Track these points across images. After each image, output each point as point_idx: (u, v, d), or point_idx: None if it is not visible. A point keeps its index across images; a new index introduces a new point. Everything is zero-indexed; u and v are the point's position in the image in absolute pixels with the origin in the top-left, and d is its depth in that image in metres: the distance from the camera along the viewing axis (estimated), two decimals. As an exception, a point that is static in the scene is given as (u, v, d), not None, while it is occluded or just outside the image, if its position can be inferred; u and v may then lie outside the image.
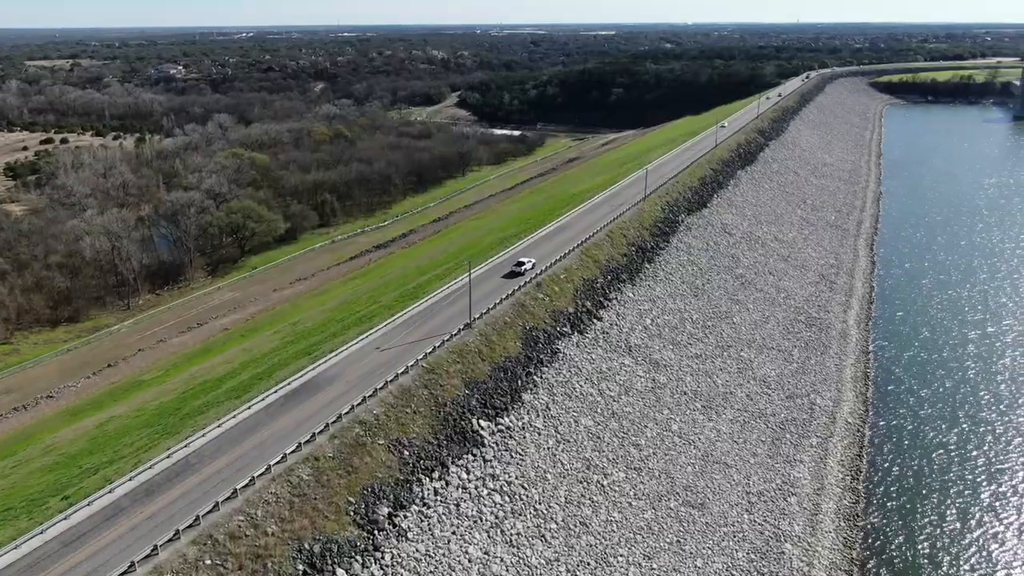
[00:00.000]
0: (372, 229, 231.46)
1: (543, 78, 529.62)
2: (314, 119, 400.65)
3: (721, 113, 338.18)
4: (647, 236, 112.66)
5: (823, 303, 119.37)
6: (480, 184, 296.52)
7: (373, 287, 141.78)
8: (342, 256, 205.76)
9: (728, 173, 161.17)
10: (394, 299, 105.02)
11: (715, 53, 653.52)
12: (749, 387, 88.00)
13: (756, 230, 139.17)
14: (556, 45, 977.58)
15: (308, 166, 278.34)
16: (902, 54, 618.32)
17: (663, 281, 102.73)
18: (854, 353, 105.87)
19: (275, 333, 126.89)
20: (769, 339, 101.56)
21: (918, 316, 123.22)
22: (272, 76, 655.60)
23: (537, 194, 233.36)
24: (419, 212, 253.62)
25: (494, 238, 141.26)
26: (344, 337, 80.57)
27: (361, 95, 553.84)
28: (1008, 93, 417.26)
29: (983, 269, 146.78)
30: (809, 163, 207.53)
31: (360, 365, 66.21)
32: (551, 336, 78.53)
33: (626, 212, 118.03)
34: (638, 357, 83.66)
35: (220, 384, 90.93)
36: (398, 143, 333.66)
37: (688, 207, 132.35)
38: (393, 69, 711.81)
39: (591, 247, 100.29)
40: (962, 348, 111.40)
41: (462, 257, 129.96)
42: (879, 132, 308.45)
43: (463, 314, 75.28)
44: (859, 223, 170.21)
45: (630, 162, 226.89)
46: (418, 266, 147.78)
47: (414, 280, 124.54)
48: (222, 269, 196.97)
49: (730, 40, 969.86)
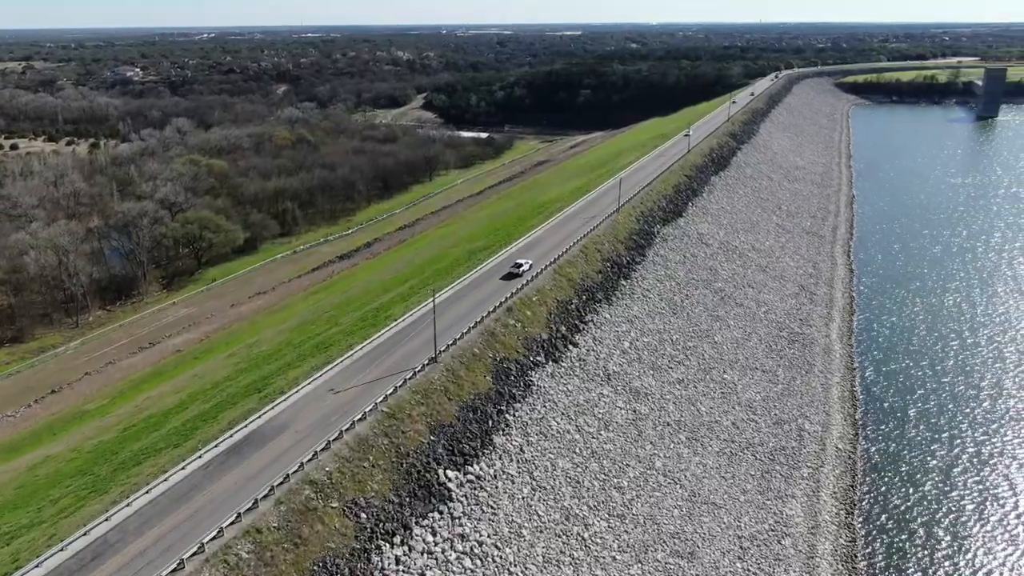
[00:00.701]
0: (336, 238, 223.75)
1: (510, 79, 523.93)
2: (276, 123, 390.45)
3: (690, 114, 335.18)
4: (622, 250, 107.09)
5: (804, 316, 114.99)
6: (447, 189, 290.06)
7: (335, 303, 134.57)
8: (304, 267, 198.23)
9: (702, 180, 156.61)
10: (354, 322, 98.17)
11: (681, 54, 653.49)
12: (734, 414, 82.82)
13: (733, 239, 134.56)
14: (522, 45, 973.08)
15: (269, 172, 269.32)
16: (865, 54, 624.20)
17: (640, 299, 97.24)
18: (839, 370, 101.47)
19: (229, 357, 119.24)
20: (752, 358, 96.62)
21: (899, 327, 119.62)
22: (233, 78, 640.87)
23: (506, 200, 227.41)
24: (384, 219, 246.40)
25: (461, 250, 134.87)
26: (298, 372, 73.67)
27: (325, 97, 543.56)
28: (970, 93, 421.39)
29: (959, 275, 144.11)
30: (781, 167, 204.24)
31: (313, 410, 59.44)
32: (524, 367, 72.42)
33: (600, 224, 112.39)
34: (617, 386, 77.93)
35: (164, 421, 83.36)
36: (362, 147, 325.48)
37: (663, 217, 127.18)
38: (357, 70, 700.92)
39: (564, 264, 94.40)
40: (945, 361, 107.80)
41: (427, 272, 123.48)
42: (847, 133, 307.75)
43: (428, 345, 68.84)
44: (834, 228, 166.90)
45: (600, 167, 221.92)
46: (382, 280, 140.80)
47: (377, 298, 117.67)
48: (178, 282, 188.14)
49: (695, 40, 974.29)
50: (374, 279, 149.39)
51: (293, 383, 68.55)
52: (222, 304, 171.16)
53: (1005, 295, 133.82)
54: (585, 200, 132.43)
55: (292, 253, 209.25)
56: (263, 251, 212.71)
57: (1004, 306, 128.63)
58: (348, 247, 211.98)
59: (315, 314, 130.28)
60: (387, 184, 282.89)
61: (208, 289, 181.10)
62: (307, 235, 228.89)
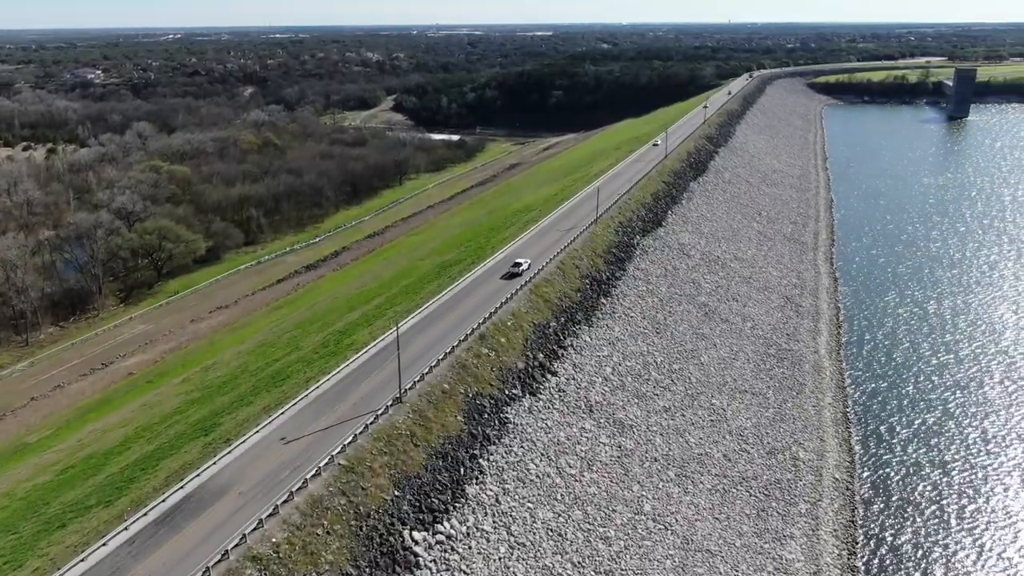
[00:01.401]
0: (302, 247, 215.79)
1: (481, 80, 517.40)
2: (242, 126, 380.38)
3: (664, 115, 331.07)
4: (601, 265, 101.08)
5: (791, 330, 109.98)
6: (418, 194, 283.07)
7: (297, 321, 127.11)
8: (268, 279, 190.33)
9: (681, 186, 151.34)
10: (315, 347, 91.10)
11: (653, 54, 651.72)
12: (725, 444, 77.16)
13: (715, 249, 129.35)
14: (493, 46, 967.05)
15: (233, 178, 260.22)
16: (835, 54, 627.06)
17: (622, 318, 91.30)
18: (830, 390, 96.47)
19: (183, 383, 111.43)
20: (741, 380, 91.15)
21: (887, 339, 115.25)
22: (198, 80, 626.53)
23: (478, 206, 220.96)
24: (353, 226, 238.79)
25: (431, 264, 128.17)
26: (249, 412, 66.61)
27: (293, 99, 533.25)
28: (940, 92, 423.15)
29: (942, 282, 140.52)
30: (759, 170, 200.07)
31: (260, 465, 52.47)
32: (499, 403, 65.99)
33: (577, 237, 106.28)
34: (600, 418, 71.81)
35: (104, 464, 75.70)
36: (330, 151, 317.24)
37: (643, 227, 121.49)
38: (326, 72, 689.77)
39: (541, 284, 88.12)
40: (934, 375, 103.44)
41: (395, 289, 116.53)
42: (822, 134, 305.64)
43: (392, 381, 62.11)
44: (815, 234, 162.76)
45: (574, 171, 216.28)
46: (348, 296, 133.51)
47: (341, 318, 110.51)
48: (137, 295, 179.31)
49: (666, 40, 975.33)
50: (340, 294, 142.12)
51: (242, 427, 61.53)
52: (181, 319, 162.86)
53: (990, 302, 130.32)
54: (561, 210, 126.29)
55: (256, 264, 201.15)
56: (226, 261, 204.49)
57: (989, 314, 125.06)
58: (315, 257, 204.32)
59: (276, 334, 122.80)
60: (356, 189, 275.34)
61: (167, 303, 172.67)
62: (272, 244, 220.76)
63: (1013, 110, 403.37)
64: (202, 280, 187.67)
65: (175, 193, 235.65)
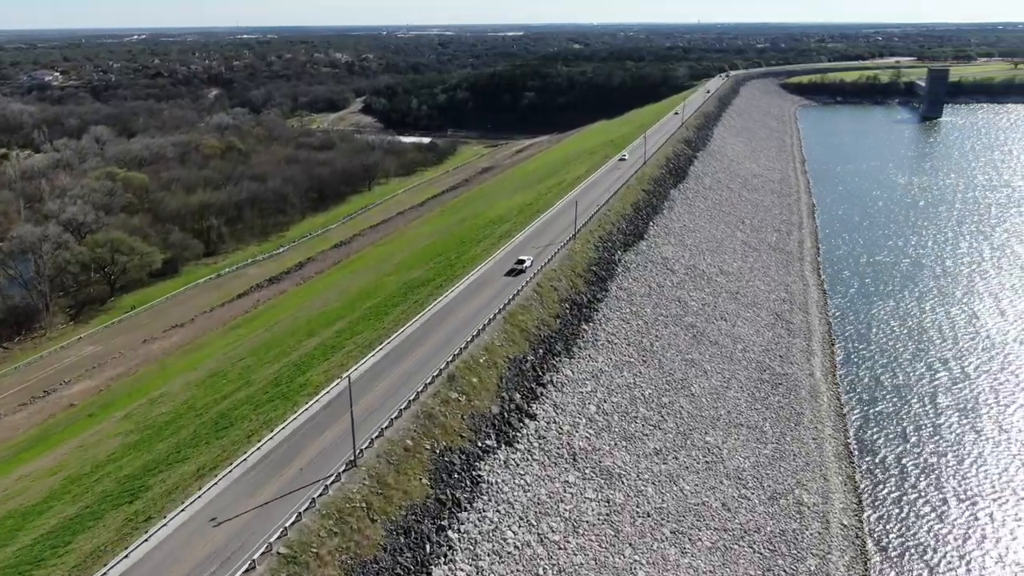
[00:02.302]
0: (265, 258, 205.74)
1: (452, 81, 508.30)
2: (205, 130, 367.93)
3: (638, 117, 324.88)
4: (582, 286, 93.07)
5: (784, 352, 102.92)
6: (387, 200, 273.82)
7: (253, 346, 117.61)
8: (228, 294, 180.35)
9: (661, 194, 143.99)
10: (267, 384, 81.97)
11: (625, 54, 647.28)
12: (723, 490, 69.52)
13: (699, 262, 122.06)
14: (464, 47, 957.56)
15: (194, 185, 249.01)
16: (806, 54, 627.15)
17: (605, 347, 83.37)
18: (829, 419, 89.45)
19: (125, 419, 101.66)
20: (735, 412, 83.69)
21: (881, 355, 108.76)
22: (161, 82, 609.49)
23: (449, 214, 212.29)
24: (319, 235, 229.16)
25: (398, 282, 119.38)
26: (182, 473, 57.50)
27: (259, 102, 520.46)
28: (912, 93, 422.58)
29: (931, 291, 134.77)
30: (739, 175, 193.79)
31: (183, 556, 43.50)
32: (470, 458, 57.63)
33: (555, 256, 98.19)
34: (586, 468, 63.75)
35: (18, 531, 65.92)
36: (297, 156, 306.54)
37: (624, 241, 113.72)
38: (294, 73, 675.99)
39: (516, 311, 79.82)
40: (933, 396, 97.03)
41: (358, 311, 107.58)
42: (798, 136, 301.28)
43: (347, 438, 53.42)
44: (800, 243, 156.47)
45: (549, 177, 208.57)
46: (308, 317, 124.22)
47: (299, 344, 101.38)
48: (88, 312, 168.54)
49: (637, 41, 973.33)
50: (301, 314, 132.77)
51: (171, 495, 52.48)
52: (133, 340, 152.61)
53: (980, 312, 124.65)
54: (537, 224, 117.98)
55: (216, 277, 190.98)
56: (185, 274, 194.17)
57: (980, 325, 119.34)
58: (278, 268, 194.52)
59: (230, 360, 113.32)
60: (323, 195, 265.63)
61: (120, 321, 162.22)
62: (234, 254, 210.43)
63: (983, 110, 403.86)
64: (159, 295, 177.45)
65: (131, 202, 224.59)
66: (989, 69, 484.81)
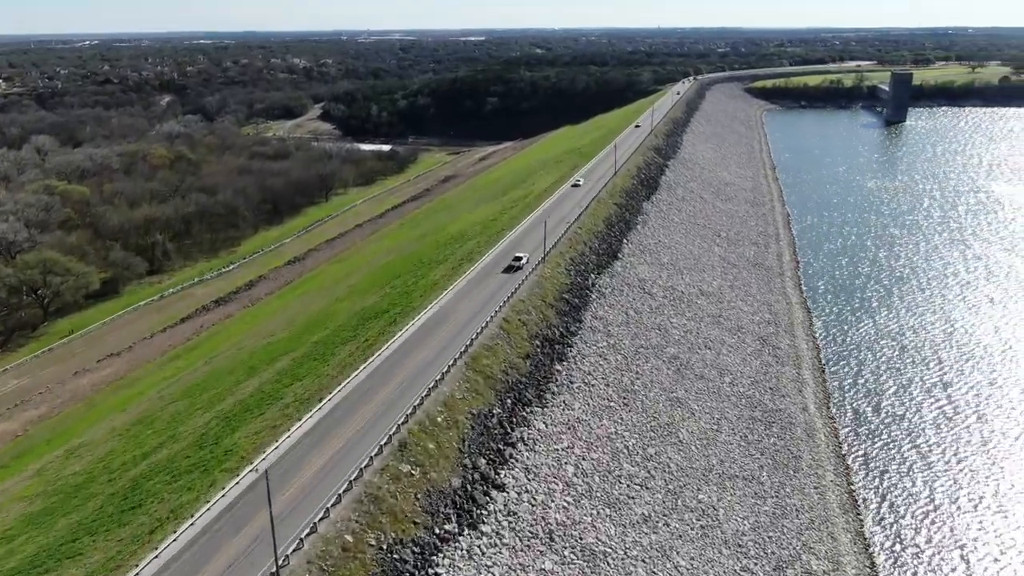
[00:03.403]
0: (214, 276, 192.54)
1: (413, 87, 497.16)
2: (154, 139, 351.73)
3: (602, 122, 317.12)
4: (553, 318, 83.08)
5: (774, 383, 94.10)
6: (345, 211, 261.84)
7: (188, 385, 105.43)
8: (171, 317, 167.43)
9: (634, 208, 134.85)
10: (191, 444, 70.50)
11: (588, 59, 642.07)
12: (723, 562, 59.92)
13: (677, 283, 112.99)
14: (425, 52, 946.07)
15: (139, 198, 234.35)
16: (767, 58, 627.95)
17: (582, 390, 73.44)
18: (829, 461, 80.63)
19: (36, 476, 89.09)
20: (728, 460, 74.33)
21: (875, 382, 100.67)
22: (110, 89, 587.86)
23: (410, 227, 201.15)
24: (272, 250, 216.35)
25: (350, 310, 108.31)
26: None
27: (213, 109, 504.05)
28: (875, 97, 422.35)
29: (916, 306, 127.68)
30: (711, 184, 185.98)
31: None
32: (426, 551, 47.07)
33: (524, 282, 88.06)
34: (564, 549, 53.61)
35: None
36: (250, 166, 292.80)
37: (598, 262, 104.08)
38: (250, 79, 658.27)
39: (480, 353, 69.48)
40: (934, 425, 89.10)
41: (304, 346, 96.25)
42: (766, 141, 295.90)
43: (269, 536, 42.45)
44: (779, 256, 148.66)
45: (514, 187, 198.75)
46: (252, 350, 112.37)
47: (237, 385, 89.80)
48: (18, 339, 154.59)
49: (599, 45, 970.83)
50: (245, 344, 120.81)
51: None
52: (63, 371, 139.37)
53: (970, 325, 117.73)
54: (503, 245, 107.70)
55: (159, 298, 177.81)
56: (127, 294, 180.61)
57: (972, 340, 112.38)
58: (227, 288, 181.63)
59: (161, 403, 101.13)
60: (277, 207, 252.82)
61: (51, 350, 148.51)
62: (181, 272, 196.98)
63: (944, 113, 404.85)
64: (97, 318, 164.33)
65: (70, 217, 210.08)
66: (948, 73, 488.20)
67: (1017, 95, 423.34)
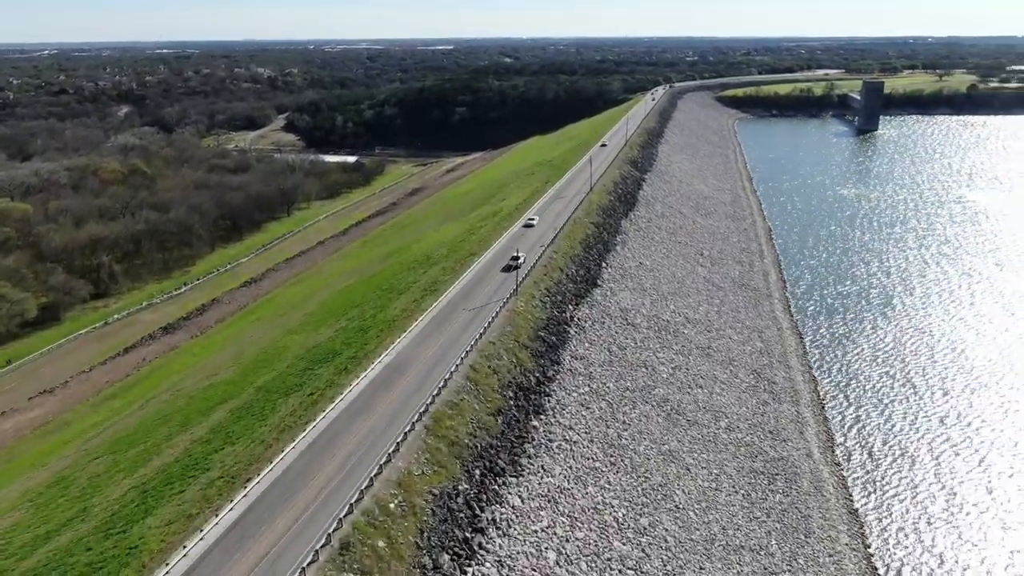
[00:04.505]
0: (164, 299, 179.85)
1: (380, 97, 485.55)
2: (108, 152, 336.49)
3: (574, 132, 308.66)
4: (528, 361, 72.88)
5: (773, 425, 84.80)
6: (308, 226, 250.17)
7: (115, 438, 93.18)
8: (113, 346, 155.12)
9: (612, 227, 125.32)
10: (104, 520, 59.09)
11: (557, 68, 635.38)
12: (735, 667, 50.08)
13: (662, 311, 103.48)
14: (393, 61, 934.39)
15: (86, 216, 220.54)
16: (736, 67, 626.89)
17: (563, 450, 63.28)
18: (842, 520, 71.26)
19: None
20: (731, 527, 64.59)
21: (877, 415, 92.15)
22: (65, 100, 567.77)
23: (373, 246, 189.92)
24: (229, 270, 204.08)
25: (303, 347, 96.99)
26: None
27: (173, 120, 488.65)
28: (846, 105, 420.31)
29: (912, 325, 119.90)
30: (690, 198, 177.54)
31: None
32: None
33: (494, 320, 77.72)
34: (548, 671, 43.35)
35: None
36: (207, 180, 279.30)
37: (576, 291, 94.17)
38: (212, 89, 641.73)
39: (443, 413, 58.98)
40: (952, 474, 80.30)
41: (247, 391, 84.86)
42: (740, 152, 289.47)
43: None
44: (765, 275, 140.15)
45: (483, 202, 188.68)
46: (189, 395, 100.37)
47: (165, 446, 78.08)
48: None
49: (568, 54, 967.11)
50: (185, 384, 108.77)
51: None
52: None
53: (982, 352, 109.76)
54: (469, 276, 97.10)
55: (103, 324, 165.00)
56: (69, 320, 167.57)
57: (988, 367, 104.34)
58: (177, 313, 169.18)
59: (83, 459, 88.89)
60: (236, 224, 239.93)
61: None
62: (129, 296, 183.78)
63: (914, 122, 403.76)
64: (36, 347, 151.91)
65: (9, 237, 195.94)
66: (917, 81, 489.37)
67: (985, 103, 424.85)
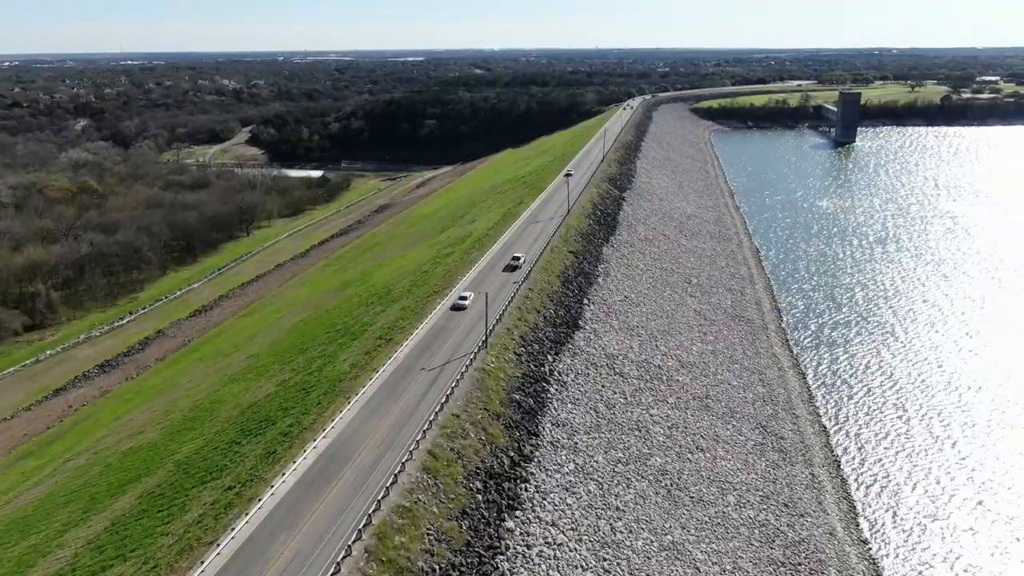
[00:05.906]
0: (105, 331, 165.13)
1: (347, 109, 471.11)
2: (58, 168, 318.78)
3: (547, 144, 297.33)
4: (500, 436, 59.98)
5: (787, 495, 72.68)
6: (268, 247, 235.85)
7: (15, 514, 78.68)
8: (42, 388, 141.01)
9: (593, 256, 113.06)
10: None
11: (528, 79, 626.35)
12: None
13: (652, 354, 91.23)
14: (362, 72, 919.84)
15: (24, 239, 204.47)
16: (709, 78, 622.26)
17: (544, 561, 50.18)
18: (880, 622, 59.28)
19: None
20: (754, 647, 52.19)
21: (901, 477, 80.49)
22: (18, 113, 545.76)
23: (332, 272, 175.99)
24: (179, 297, 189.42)
25: (237, 404, 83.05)
26: None
27: (131, 133, 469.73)
28: (821, 117, 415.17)
29: (920, 362, 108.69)
30: (673, 218, 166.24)
31: None
32: None
33: (460, 382, 64.78)
34: None
35: None
36: (161, 198, 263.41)
37: (555, 337, 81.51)
38: (174, 102, 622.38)
39: (391, 524, 45.73)
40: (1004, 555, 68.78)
41: (168, 462, 71.04)
42: (719, 166, 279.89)
43: None
44: (758, 303, 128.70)
45: (452, 223, 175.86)
46: (108, 460, 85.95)
47: (62, 536, 63.84)
48: None
49: (539, 66, 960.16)
50: (106, 444, 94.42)
51: None
52: None
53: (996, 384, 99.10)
54: (432, 321, 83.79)
55: (34, 361, 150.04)
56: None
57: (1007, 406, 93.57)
58: (117, 347, 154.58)
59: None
60: (190, 245, 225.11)
61: None
62: (69, 326, 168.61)
63: (890, 133, 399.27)
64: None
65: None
66: (890, 92, 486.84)
67: (958, 114, 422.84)
